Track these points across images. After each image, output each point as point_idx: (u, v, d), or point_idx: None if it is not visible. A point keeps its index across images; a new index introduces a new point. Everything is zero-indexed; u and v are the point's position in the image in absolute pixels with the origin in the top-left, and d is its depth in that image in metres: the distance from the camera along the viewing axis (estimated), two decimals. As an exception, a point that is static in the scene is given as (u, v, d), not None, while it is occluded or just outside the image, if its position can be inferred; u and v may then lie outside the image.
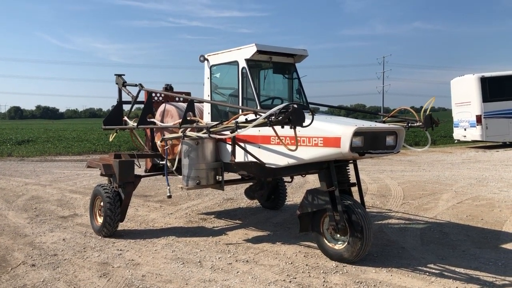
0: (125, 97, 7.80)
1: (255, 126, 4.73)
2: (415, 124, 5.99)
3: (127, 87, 7.75)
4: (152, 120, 6.95)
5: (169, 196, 6.21)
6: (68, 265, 5.26)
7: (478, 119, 19.18)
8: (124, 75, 7.87)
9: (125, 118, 7.59)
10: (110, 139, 8.50)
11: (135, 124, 7.04)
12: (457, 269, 4.90)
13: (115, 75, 7.90)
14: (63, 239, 6.36)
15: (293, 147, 4.60)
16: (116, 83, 7.86)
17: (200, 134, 5.83)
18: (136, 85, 7.37)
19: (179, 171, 6.23)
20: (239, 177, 6.75)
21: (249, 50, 5.76)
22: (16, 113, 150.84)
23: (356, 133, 4.64)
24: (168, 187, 6.20)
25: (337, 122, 4.90)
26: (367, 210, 5.76)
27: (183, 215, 7.90)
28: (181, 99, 7.43)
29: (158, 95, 7.51)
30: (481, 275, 4.71)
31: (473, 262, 5.13)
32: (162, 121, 6.85)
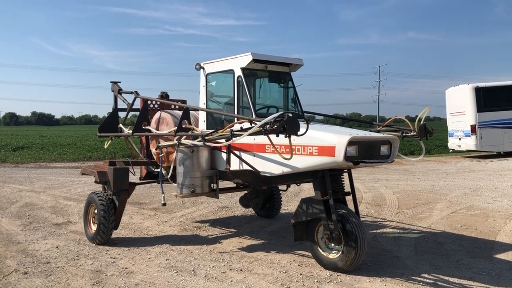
0: (121, 104, 7.81)
1: (250, 134, 4.75)
2: (409, 134, 6.03)
3: (122, 94, 7.75)
4: (147, 127, 6.95)
5: (164, 204, 6.19)
6: (61, 273, 5.23)
7: (473, 129, 19.29)
8: (120, 82, 7.89)
9: (120, 125, 7.58)
10: (105, 146, 8.49)
11: (130, 131, 7.04)
12: (451, 279, 4.90)
13: (111, 82, 7.91)
14: (57, 247, 6.32)
15: (288, 156, 4.62)
16: (112, 90, 7.87)
17: (195, 142, 5.84)
18: (131, 93, 7.38)
19: (174, 179, 6.22)
20: (234, 185, 6.74)
21: (245, 59, 5.79)
22: (12, 119, 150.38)
23: (351, 142, 4.67)
24: (163, 195, 6.18)
25: (332, 131, 4.92)
26: (361, 219, 5.77)
27: (178, 223, 7.87)
28: (177, 106, 7.44)
29: (153, 102, 7.52)
30: (474, 285, 4.72)
31: (467, 272, 5.14)
32: (157, 128, 6.85)
